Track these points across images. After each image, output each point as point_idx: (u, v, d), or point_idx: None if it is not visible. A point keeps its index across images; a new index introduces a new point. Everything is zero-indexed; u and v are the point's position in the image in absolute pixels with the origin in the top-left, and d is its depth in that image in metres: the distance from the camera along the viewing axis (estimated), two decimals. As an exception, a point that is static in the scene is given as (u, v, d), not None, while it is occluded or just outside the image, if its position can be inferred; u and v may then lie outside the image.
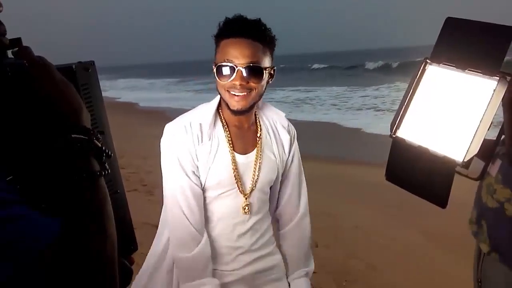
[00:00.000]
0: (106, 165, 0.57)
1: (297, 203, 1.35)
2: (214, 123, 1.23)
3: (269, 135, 1.29)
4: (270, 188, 1.33)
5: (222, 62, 1.15)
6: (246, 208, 1.23)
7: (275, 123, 1.31)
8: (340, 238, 3.67)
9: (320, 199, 4.45)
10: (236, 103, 1.17)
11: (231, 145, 1.23)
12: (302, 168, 1.38)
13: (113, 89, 23.98)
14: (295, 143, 1.36)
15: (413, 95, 1.18)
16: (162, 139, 1.23)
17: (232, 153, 1.22)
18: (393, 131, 1.20)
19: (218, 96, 1.25)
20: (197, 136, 1.20)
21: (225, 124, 1.25)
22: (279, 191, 1.35)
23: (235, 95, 1.16)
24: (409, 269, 3.12)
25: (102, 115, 0.73)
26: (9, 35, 0.54)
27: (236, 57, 1.14)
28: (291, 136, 1.33)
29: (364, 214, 4.22)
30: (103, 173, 0.55)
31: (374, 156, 4.89)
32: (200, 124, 1.21)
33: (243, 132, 1.26)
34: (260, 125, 1.29)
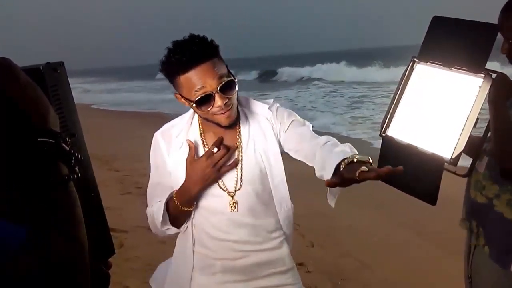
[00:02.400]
0: (77, 168, 0.55)
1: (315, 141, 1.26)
2: (189, 130, 1.30)
3: (255, 132, 1.29)
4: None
5: (195, 96, 1.14)
6: (233, 205, 1.25)
7: (258, 118, 1.31)
8: (335, 238, 3.69)
9: (314, 199, 4.45)
10: (225, 120, 1.19)
11: (206, 147, 1.27)
12: (303, 120, 1.32)
13: (99, 93, 23.88)
14: (282, 120, 1.31)
15: (402, 93, 1.19)
16: None
17: None
18: (383, 130, 1.21)
19: (191, 110, 1.30)
20: (169, 144, 1.30)
21: (201, 129, 1.30)
22: (298, 151, 1.28)
23: (221, 114, 1.17)
24: (403, 266, 3.13)
25: (73, 117, 0.70)
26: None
27: (207, 84, 1.13)
28: (273, 123, 1.31)
29: (358, 213, 4.24)
30: (72, 177, 0.53)
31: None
32: (174, 134, 1.30)
33: (223, 133, 1.25)
34: (239, 125, 1.29)
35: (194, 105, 1.16)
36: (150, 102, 16.77)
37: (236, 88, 1.19)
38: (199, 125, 1.30)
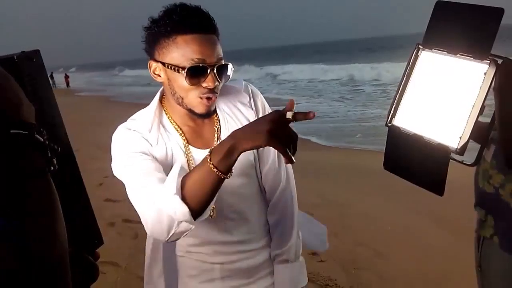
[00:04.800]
0: (54, 160, 0.52)
1: (277, 170, 1.22)
2: (164, 127, 1.12)
3: (233, 120, 1.16)
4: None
5: (189, 63, 1.00)
6: (212, 211, 1.11)
7: (234, 104, 1.18)
8: (349, 226, 3.67)
9: (328, 188, 4.45)
10: (205, 107, 1.05)
11: (186, 143, 1.12)
12: None
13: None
14: (261, 105, 1.21)
15: (407, 82, 1.17)
16: (112, 144, 1.09)
17: (188, 150, 1.12)
18: (389, 119, 1.19)
19: (156, 100, 1.14)
20: (147, 141, 1.08)
21: (175, 124, 1.13)
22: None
23: (203, 98, 1.04)
24: (417, 255, 3.11)
25: (52, 106, 0.68)
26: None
27: (207, 56, 1.01)
28: (254, 108, 1.19)
29: (372, 202, 4.21)
30: (48, 169, 0.51)
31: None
32: (144, 129, 1.09)
33: (200, 127, 1.15)
34: (217, 115, 1.16)
35: (184, 73, 1.00)
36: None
37: (230, 74, 1.08)
38: (169, 118, 1.13)
